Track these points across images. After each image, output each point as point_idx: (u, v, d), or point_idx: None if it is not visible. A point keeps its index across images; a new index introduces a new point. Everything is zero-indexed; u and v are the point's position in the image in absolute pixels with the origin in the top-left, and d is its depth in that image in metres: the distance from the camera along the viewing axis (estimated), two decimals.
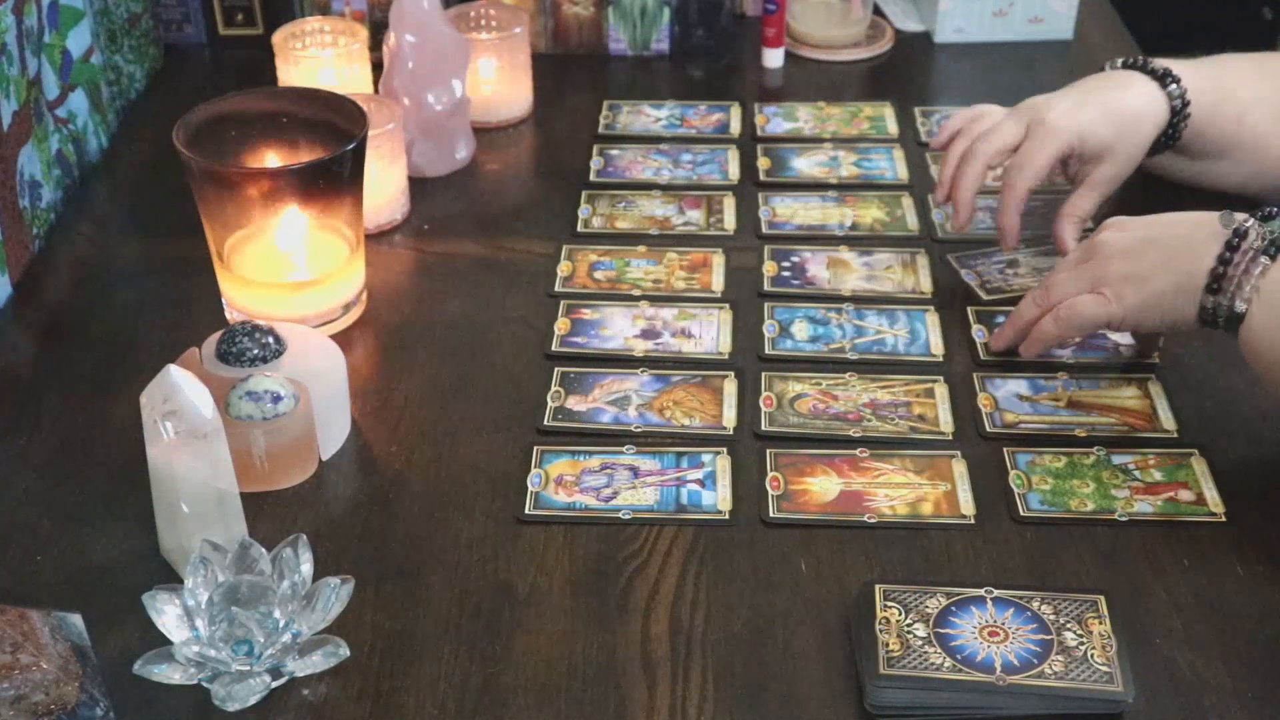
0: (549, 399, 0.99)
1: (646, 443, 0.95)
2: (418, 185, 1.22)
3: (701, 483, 0.92)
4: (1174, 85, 1.08)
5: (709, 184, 1.24)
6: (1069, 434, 0.95)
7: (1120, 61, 1.12)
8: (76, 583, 0.85)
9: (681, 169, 1.26)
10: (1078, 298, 0.95)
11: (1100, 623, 0.79)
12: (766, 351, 1.03)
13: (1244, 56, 1.14)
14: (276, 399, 0.89)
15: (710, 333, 1.05)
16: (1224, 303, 0.89)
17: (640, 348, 1.03)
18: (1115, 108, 1.07)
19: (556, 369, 1.01)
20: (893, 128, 1.31)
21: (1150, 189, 1.14)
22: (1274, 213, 0.90)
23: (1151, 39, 1.61)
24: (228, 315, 1.06)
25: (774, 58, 1.43)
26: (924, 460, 0.93)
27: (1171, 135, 1.10)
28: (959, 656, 0.77)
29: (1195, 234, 0.91)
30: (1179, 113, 1.09)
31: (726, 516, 0.89)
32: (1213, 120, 1.10)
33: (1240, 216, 0.90)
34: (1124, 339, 1.02)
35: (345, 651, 0.78)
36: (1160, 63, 1.10)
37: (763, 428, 0.96)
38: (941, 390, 0.99)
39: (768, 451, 0.94)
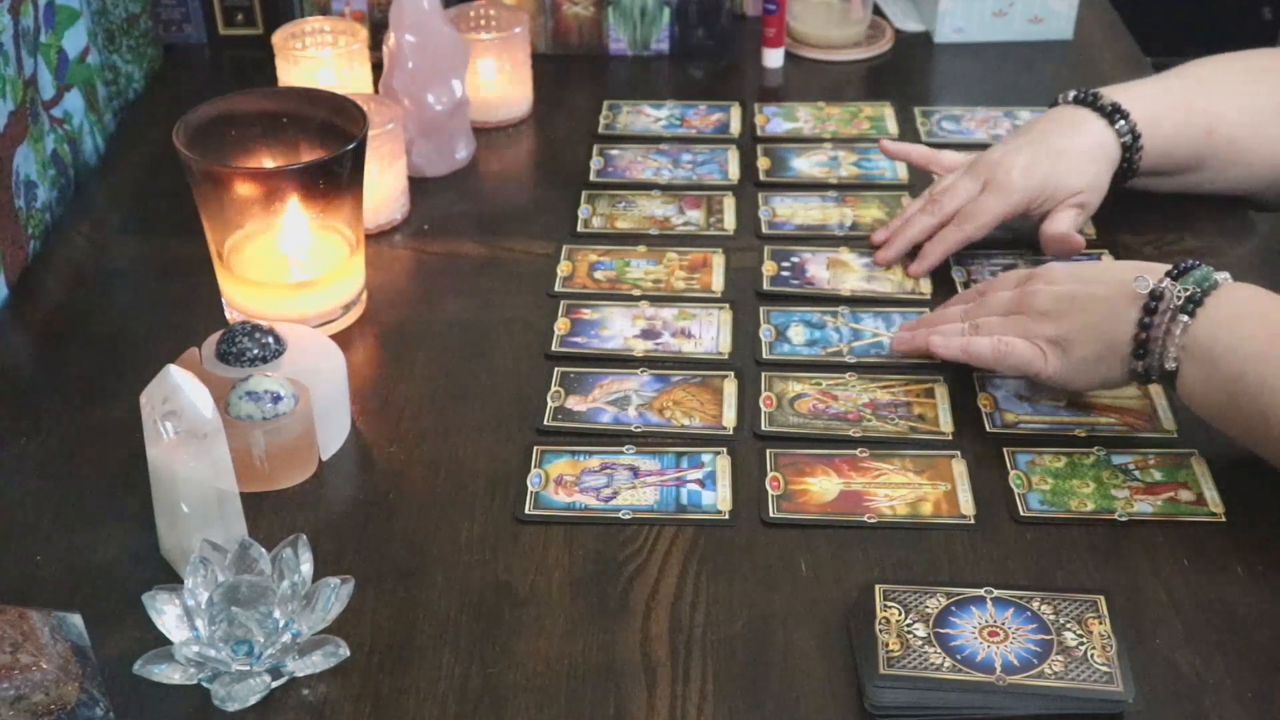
0: (549, 399, 0.99)
1: (646, 443, 0.95)
2: (418, 185, 1.22)
3: (701, 483, 0.92)
4: (1122, 121, 1.08)
5: (709, 184, 1.23)
6: (1069, 434, 0.95)
7: (1072, 95, 1.12)
8: (76, 583, 0.85)
9: (681, 169, 1.26)
10: (1017, 342, 0.94)
11: (1100, 623, 0.79)
12: (764, 356, 1.02)
13: (1212, 62, 1.14)
14: (276, 399, 0.89)
15: (710, 333, 1.05)
16: (1153, 364, 0.90)
17: (640, 348, 1.03)
18: (1068, 155, 1.08)
19: (556, 369, 1.01)
20: (893, 128, 1.31)
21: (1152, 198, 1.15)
22: (1188, 266, 0.89)
23: (1151, 38, 1.61)
24: (228, 315, 1.06)
25: (774, 58, 1.43)
26: (924, 460, 0.93)
27: (1128, 169, 1.11)
28: (959, 656, 0.77)
29: (1115, 296, 0.91)
30: (1130, 147, 1.09)
31: (726, 516, 0.89)
32: (1180, 139, 1.10)
33: (1154, 275, 0.90)
34: None
35: (345, 651, 0.78)
36: (1111, 95, 1.10)
37: (763, 428, 0.96)
38: (941, 390, 0.99)
39: (768, 451, 0.94)
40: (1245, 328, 0.87)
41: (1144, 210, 1.07)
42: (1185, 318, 0.87)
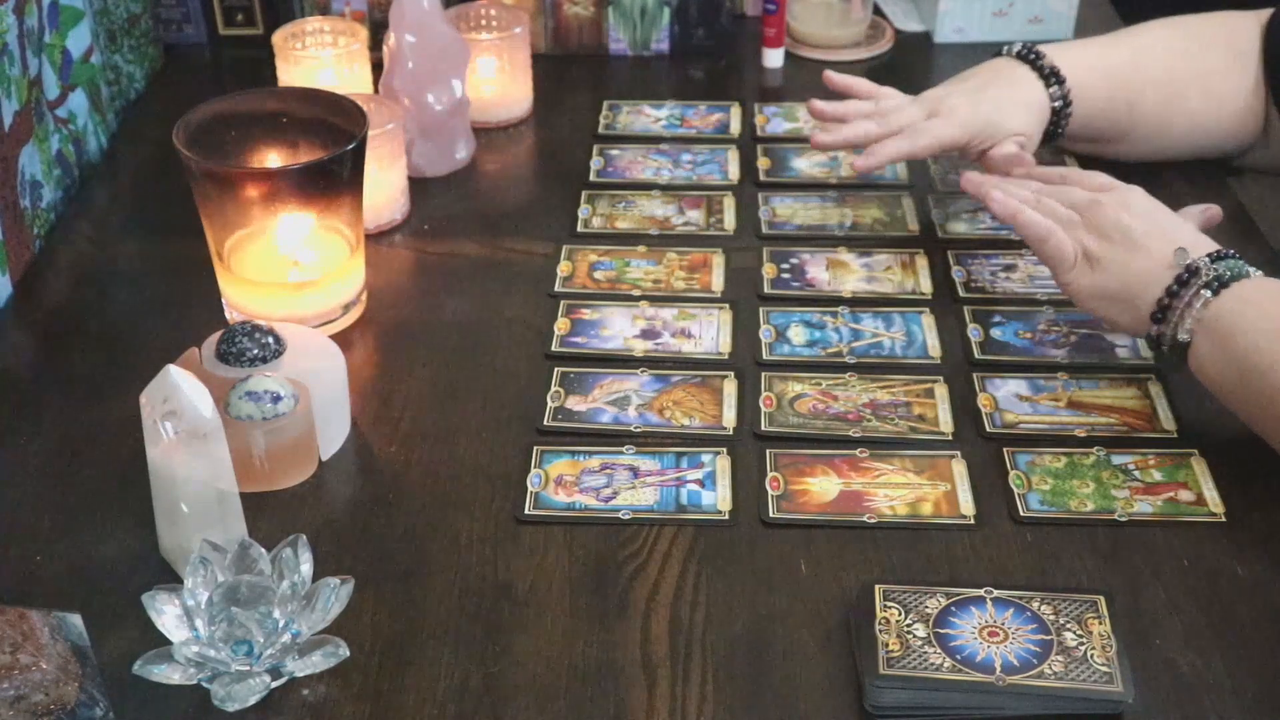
0: (549, 399, 0.99)
1: (646, 443, 0.95)
2: (418, 185, 1.22)
3: (701, 483, 0.92)
4: (1056, 87, 1.12)
5: (709, 184, 1.23)
6: (1069, 434, 0.95)
7: (1015, 49, 1.15)
8: (76, 583, 0.85)
9: (681, 169, 1.26)
10: (1063, 235, 0.97)
11: (1100, 623, 0.79)
12: (764, 357, 1.02)
13: (1160, 26, 1.17)
14: (276, 399, 0.89)
15: (710, 333, 1.05)
16: (1168, 332, 0.92)
17: (640, 348, 1.03)
18: (1008, 103, 1.12)
19: (556, 369, 1.01)
20: None
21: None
22: (1228, 254, 0.92)
23: None
24: (228, 315, 1.06)
25: (774, 58, 1.43)
26: (924, 460, 0.93)
27: (1054, 132, 1.15)
28: (959, 657, 0.77)
29: (1160, 255, 0.93)
30: (1060, 113, 1.14)
31: (726, 516, 0.89)
32: (1104, 111, 1.15)
33: (1197, 251, 0.92)
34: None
35: (345, 651, 0.78)
36: (1053, 56, 1.13)
37: (762, 428, 0.96)
38: (941, 390, 0.99)
39: (767, 451, 0.94)
40: (1264, 308, 0.89)
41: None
42: (1208, 293, 0.90)
